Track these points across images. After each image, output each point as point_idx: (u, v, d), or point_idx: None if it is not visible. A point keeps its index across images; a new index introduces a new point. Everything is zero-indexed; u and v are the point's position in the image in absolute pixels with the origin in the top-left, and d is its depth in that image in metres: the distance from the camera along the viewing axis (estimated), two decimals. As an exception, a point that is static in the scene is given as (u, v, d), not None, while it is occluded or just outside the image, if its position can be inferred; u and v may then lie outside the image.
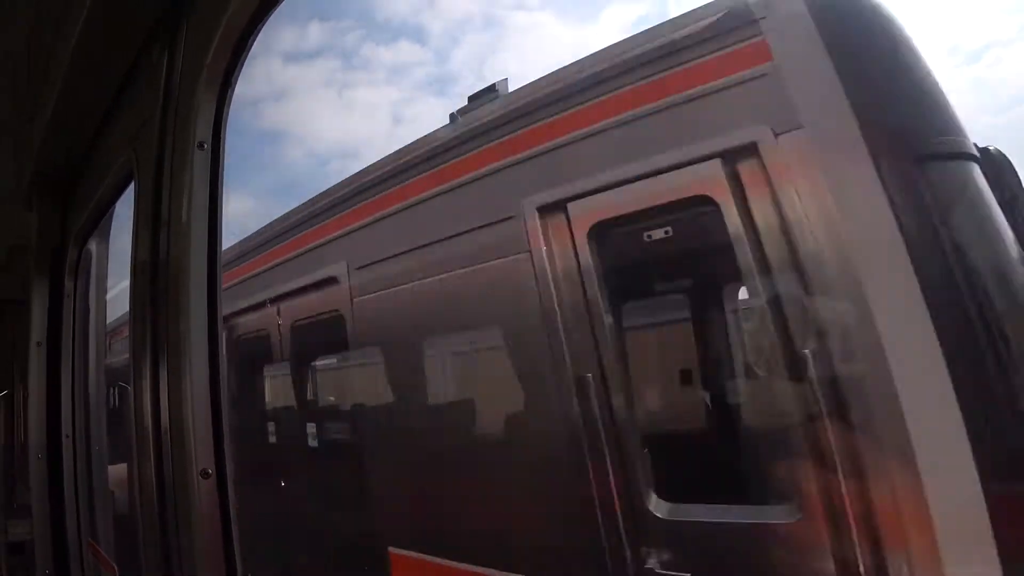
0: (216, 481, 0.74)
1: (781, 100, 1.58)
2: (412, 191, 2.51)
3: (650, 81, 1.84)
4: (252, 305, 3.54)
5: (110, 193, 1.30)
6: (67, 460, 1.66)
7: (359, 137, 17.66)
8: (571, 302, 1.92)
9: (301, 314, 3.27)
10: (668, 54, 1.81)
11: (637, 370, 2.09)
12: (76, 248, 1.63)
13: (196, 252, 0.77)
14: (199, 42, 0.81)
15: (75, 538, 1.66)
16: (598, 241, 1.91)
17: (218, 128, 0.79)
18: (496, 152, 2.20)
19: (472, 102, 2.43)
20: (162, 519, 0.83)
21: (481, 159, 2.24)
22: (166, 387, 0.82)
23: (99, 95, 1.21)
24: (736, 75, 1.67)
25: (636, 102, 1.85)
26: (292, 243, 3.36)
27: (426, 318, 2.46)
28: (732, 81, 1.68)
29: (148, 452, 0.85)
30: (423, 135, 2.57)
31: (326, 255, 3.01)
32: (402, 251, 2.49)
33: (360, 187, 2.83)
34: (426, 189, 2.44)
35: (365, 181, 2.81)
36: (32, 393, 1.69)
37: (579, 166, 1.95)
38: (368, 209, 2.74)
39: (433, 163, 2.44)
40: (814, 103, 1.57)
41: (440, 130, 2.51)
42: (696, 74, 1.76)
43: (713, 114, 1.76)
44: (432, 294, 2.36)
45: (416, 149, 2.56)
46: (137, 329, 0.92)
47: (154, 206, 0.87)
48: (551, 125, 2.05)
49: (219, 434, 0.76)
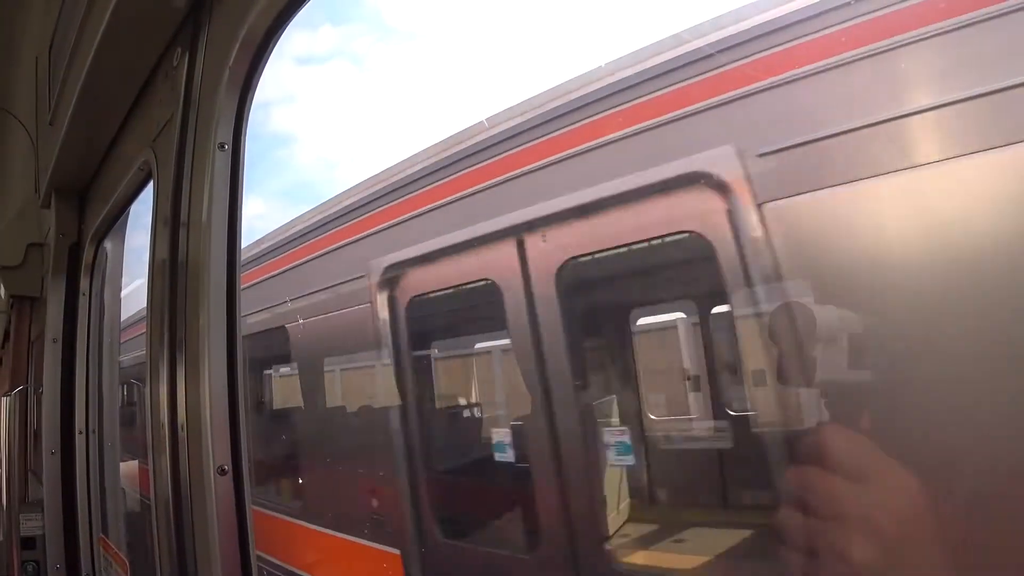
0: (233, 478, 0.75)
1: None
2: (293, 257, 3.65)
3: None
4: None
5: (127, 193, 1.32)
6: (80, 456, 1.68)
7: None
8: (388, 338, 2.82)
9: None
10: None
11: (423, 385, 3.10)
12: (92, 247, 1.65)
13: (216, 252, 0.77)
14: (220, 44, 0.82)
15: (87, 533, 1.68)
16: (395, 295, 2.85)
17: (239, 130, 0.80)
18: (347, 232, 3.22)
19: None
20: (177, 515, 0.83)
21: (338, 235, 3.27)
22: (183, 385, 0.83)
23: (119, 97, 1.23)
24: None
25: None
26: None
27: (307, 345, 3.49)
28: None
29: (164, 449, 0.86)
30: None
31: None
32: (293, 297, 3.53)
33: (261, 252, 3.96)
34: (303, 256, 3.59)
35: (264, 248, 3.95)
36: (47, 389, 1.72)
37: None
38: (266, 269, 3.86)
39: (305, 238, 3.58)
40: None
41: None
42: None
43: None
44: (311, 329, 3.39)
45: (293, 226, 3.73)
46: (154, 328, 0.93)
47: (173, 206, 0.88)
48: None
49: (236, 432, 0.77)
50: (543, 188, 2.20)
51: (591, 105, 2.10)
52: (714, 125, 1.79)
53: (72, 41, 1.28)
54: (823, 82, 1.55)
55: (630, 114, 1.99)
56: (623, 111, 2.01)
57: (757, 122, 1.71)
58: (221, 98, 0.79)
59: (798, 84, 1.60)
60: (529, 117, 2.31)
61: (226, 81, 0.78)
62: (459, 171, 2.54)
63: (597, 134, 2.07)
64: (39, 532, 1.77)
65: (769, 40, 1.68)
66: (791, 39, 1.63)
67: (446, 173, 2.59)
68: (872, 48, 1.45)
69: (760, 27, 1.71)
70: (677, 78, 1.89)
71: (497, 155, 2.39)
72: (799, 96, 1.60)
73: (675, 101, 1.86)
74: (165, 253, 0.90)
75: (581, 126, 2.13)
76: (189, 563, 0.81)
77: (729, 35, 1.78)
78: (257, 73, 0.79)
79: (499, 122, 2.42)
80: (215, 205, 0.78)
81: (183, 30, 0.96)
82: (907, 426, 1.03)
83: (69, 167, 1.57)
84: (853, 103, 1.49)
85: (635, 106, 1.98)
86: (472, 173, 2.48)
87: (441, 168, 2.62)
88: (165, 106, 1.00)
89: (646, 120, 1.94)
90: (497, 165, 2.38)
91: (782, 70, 1.62)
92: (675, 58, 1.90)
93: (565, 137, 2.17)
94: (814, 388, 1.06)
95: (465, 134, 2.55)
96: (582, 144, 2.11)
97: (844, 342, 0.83)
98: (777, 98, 1.64)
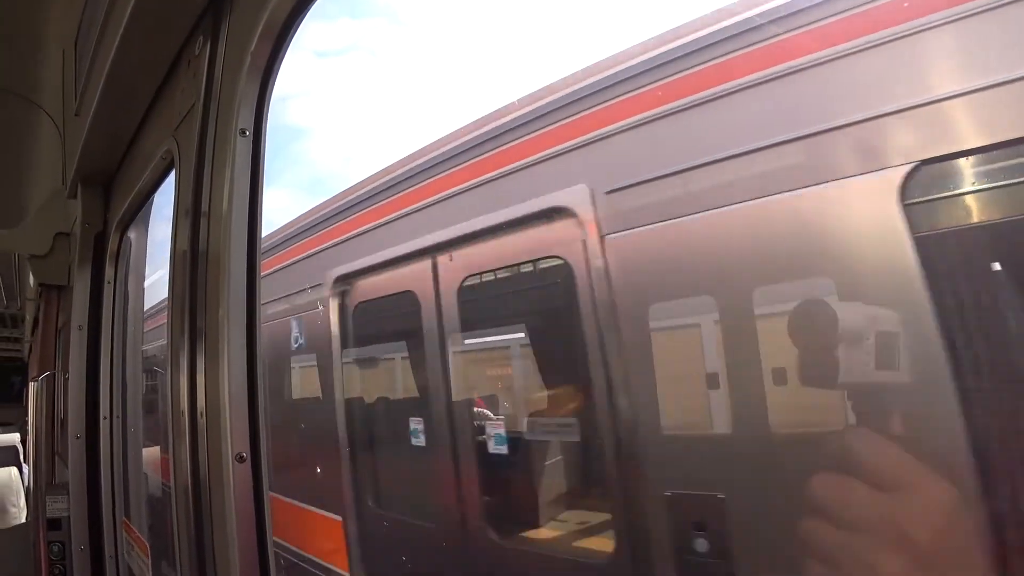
0: (251, 465, 0.75)
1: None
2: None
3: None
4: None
5: (150, 182, 1.34)
6: (104, 441, 1.72)
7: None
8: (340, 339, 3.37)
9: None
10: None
11: (367, 381, 3.68)
12: (117, 236, 1.68)
13: (236, 239, 0.78)
14: (242, 31, 0.82)
15: (110, 516, 1.72)
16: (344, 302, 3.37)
17: (260, 116, 0.80)
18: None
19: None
20: (196, 500, 0.84)
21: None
22: (203, 373, 0.84)
23: (142, 87, 1.25)
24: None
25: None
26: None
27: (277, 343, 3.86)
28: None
29: (184, 435, 0.87)
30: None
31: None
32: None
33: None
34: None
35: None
36: (73, 375, 1.76)
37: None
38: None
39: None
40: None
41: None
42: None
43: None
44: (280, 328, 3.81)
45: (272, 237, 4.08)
46: (175, 315, 0.94)
47: (195, 193, 0.89)
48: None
49: (255, 420, 0.77)
50: (455, 214, 2.63)
51: (496, 139, 2.50)
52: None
53: (97, 34, 1.30)
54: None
55: (519, 151, 2.38)
56: (519, 147, 2.37)
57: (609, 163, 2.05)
58: (242, 85, 0.79)
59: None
60: (447, 148, 2.75)
61: (247, 68, 0.78)
62: (394, 194, 3.05)
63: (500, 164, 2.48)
64: (64, 514, 1.82)
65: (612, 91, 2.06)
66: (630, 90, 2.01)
67: (387, 195, 3.11)
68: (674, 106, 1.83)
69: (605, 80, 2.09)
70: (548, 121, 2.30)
71: (420, 182, 2.87)
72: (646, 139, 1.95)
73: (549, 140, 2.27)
74: (186, 241, 0.90)
75: (485, 158, 2.54)
76: (207, 547, 0.82)
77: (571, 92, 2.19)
78: (279, 59, 0.79)
79: (426, 151, 2.87)
80: (236, 192, 0.78)
81: (204, 19, 0.96)
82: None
83: (94, 158, 1.60)
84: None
85: (525, 143, 2.37)
86: (401, 197, 2.98)
87: (384, 189, 3.13)
88: (187, 95, 1.01)
89: (531, 156, 2.33)
90: (418, 192, 2.88)
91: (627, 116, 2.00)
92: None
93: (476, 166, 2.59)
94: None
95: (405, 159, 3.03)
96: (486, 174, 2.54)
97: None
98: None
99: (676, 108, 1.84)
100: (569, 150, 2.16)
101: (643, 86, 1.95)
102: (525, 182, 2.32)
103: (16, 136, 2.14)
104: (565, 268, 2.16)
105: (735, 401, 1.62)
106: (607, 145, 2.04)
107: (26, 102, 1.95)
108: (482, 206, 2.50)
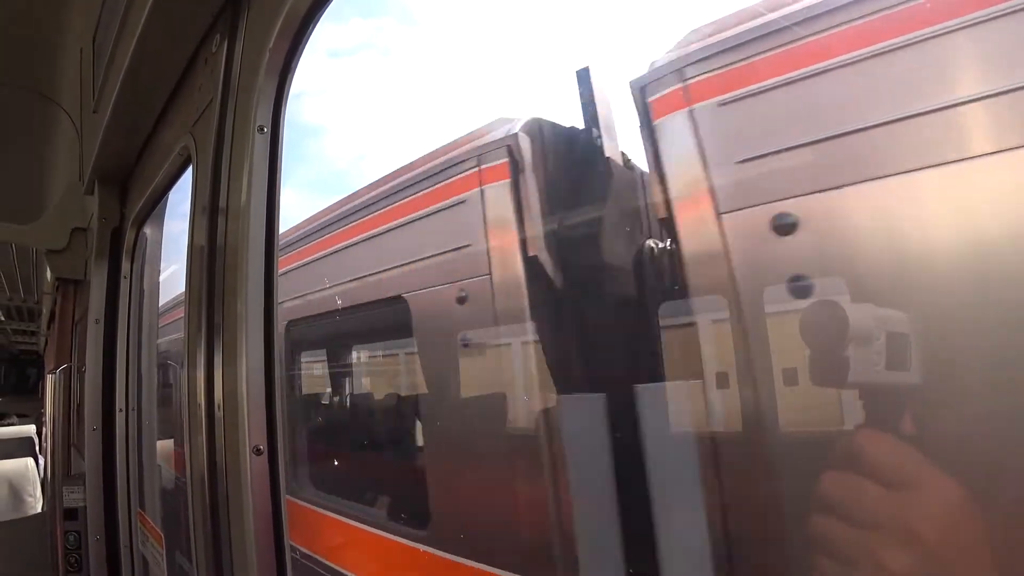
0: (268, 457, 0.76)
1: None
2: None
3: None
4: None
5: (167, 178, 1.35)
6: (119, 433, 1.75)
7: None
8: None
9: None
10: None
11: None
12: (133, 231, 1.70)
13: (254, 235, 0.78)
14: (260, 28, 0.83)
15: (125, 507, 1.75)
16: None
17: (278, 112, 0.80)
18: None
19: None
20: (213, 492, 0.85)
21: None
22: (220, 368, 0.85)
23: (160, 85, 1.26)
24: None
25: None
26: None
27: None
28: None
29: (201, 428, 0.88)
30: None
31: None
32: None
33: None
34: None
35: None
36: (89, 368, 1.79)
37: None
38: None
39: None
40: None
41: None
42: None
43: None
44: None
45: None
46: (192, 310, 0.95)
47: (212, 189, 0.90)
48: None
49: (272, 413, 0.78)
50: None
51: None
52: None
53: (115, 32, 1.32)
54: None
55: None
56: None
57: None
58: (261, 81, 0.79)
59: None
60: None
61: (266, 64, 0.79)
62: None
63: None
64: (81, 504, 1.85)
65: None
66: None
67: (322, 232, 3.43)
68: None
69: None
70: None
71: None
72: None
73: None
74: (204, 237, 0.91)
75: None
76: (223, 537, 0.83)
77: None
78: (297, 54, 0.79)
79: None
80: (254, 188, 0.78)
81: (222, 16, 0.97)
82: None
83: (112, 154, 1.63)
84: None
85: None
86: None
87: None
88: (204, 92, 1.02)
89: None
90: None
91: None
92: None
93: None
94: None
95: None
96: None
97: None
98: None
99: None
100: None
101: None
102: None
103: (35, 133, 2.17)
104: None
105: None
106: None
107: (45, 100, 1.98)
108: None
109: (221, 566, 0.83)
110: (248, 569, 0.76)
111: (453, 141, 2.43)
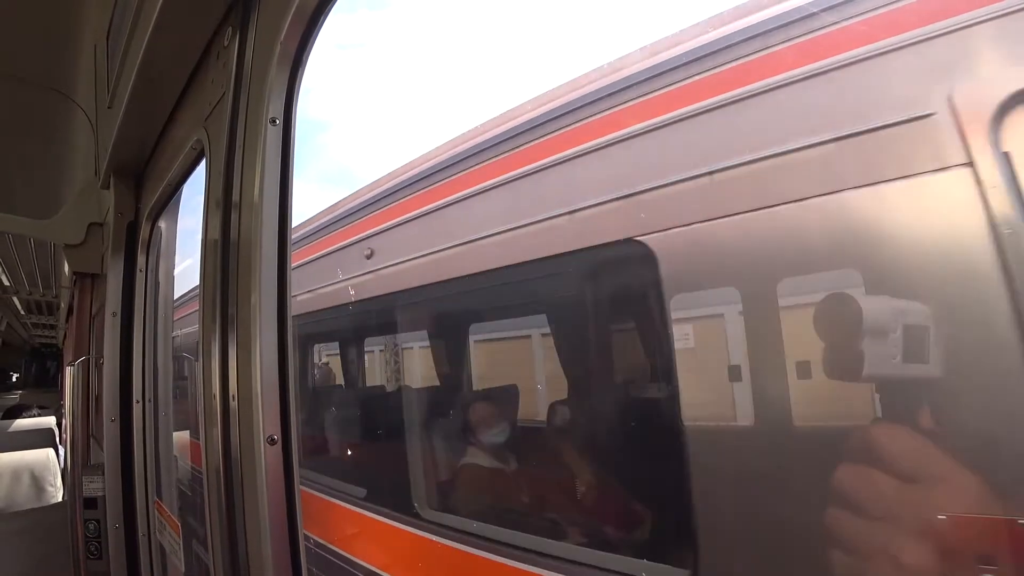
0: (282, 447, 0.77)
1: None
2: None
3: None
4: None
5: (181, 172, 1.37)
6: (137, 424, 1.79)
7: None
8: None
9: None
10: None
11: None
12: (148, 225, 1.72)
13: (267, 227, 0.79)
14: (272, 21, 0.83)
15: (143, 496, 1.79)
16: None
17: (290, 104, 0.81)
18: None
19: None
20: (228, 481, 0.87)
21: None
22: (235, 359, 0.86)
23: (173, 79, 1.27)
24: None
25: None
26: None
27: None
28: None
29: (216, 419, 0.90)
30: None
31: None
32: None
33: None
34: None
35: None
36: (107, 360, 1.83)
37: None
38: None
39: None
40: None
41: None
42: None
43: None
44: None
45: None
46: (207, 302, 0.96)
47: (225, 182, 0.90)
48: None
49: (286, 404, 0.79)
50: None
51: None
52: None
53: (128, 28, 1.33)
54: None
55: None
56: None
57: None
58: (272, 74, 0.79)
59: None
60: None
61: (277, 57, 0.79)
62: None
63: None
64: (100, 493, 1.89)
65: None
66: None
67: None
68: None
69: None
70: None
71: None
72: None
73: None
74: (217, 230, 0.92)
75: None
76: (239, 525, 0.84)
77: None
78: (308, 46, 0.79)
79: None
80: (267, 180, 0.79)
81: (234, 9, 0.97)
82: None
83: (126, 149, 1.65)
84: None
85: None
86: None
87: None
88: (216, 85, 1.02)
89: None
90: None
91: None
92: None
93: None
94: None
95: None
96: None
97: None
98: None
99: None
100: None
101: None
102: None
103: (52, 130, 2.21)
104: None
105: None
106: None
107: (61, 96, 2.01)
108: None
109: (236, 554, 0.84)
110: (263, 557, 0.77)
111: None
